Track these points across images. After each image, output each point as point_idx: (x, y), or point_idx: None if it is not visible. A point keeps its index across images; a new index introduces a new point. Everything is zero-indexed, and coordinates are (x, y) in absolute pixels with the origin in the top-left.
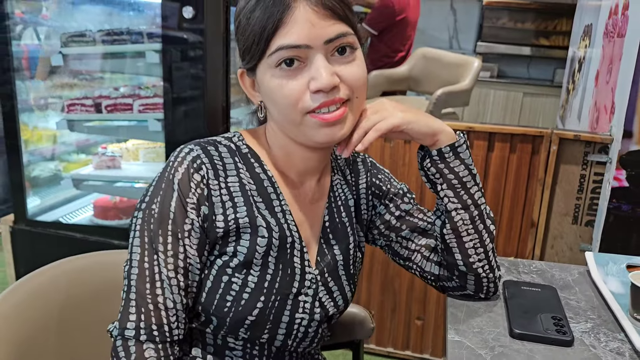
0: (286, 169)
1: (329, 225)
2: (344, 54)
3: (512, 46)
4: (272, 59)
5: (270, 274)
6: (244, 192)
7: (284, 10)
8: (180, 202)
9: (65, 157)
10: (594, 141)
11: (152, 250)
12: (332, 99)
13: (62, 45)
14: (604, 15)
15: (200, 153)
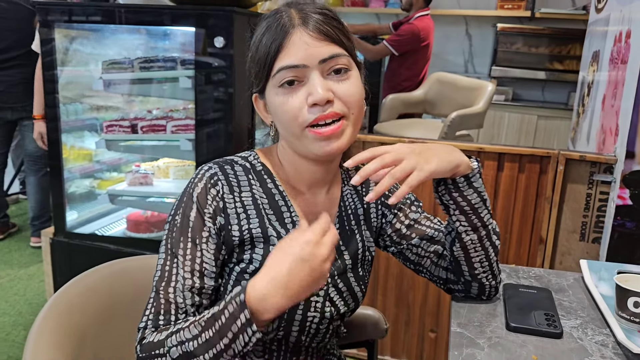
0: (296, 183)
1: (339, 232)
2: (339, 73)
3: (526, 70)
4: (275, 80)
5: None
6: (257, 206)
7: (284, 36)
8: (198, 213)
9: (99, 175)
10: (599, 161)
11: (172, 255)
12: (327, 113)
13: (102, 71)
14: (609, 43)
15: (217, 171)
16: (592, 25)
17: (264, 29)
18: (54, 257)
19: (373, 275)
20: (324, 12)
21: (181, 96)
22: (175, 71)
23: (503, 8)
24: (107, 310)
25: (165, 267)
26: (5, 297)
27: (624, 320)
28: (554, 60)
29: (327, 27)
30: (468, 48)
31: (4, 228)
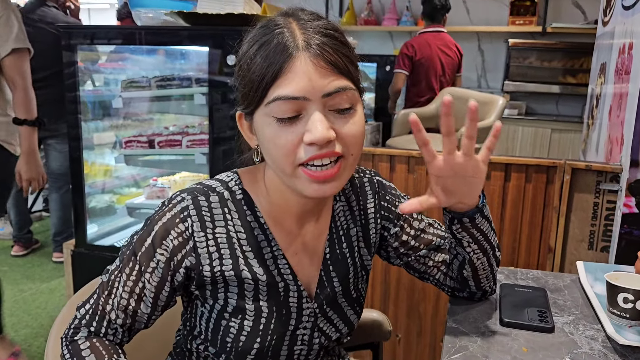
0: (281, 214)
1: (329, 257)
2: (342, 112)
3: (539, 84)
4: (269, 108)
5: (265, 317)
6: (231, 244)
7: (285, 60)
8: (152, 242)
9: (118, 190)
10: (605, 170)
11: (120, 269)
12: (325, 152)
13: (121, 89)
14: (615, 55)
15: (189, 205)
16: (600, 38)
17: (259, 44)
18: (75, 268)
19: (384, 286)
20: (330, 34)
21: (196, 112)
22: (190, 89)
23: (514, 24)
24: None
25: (111, 277)
26: (27, 310)
27: (615, 316)
28: (567, 74)
29: (335, 56)
30: (481, 63)
31: (27, 244)
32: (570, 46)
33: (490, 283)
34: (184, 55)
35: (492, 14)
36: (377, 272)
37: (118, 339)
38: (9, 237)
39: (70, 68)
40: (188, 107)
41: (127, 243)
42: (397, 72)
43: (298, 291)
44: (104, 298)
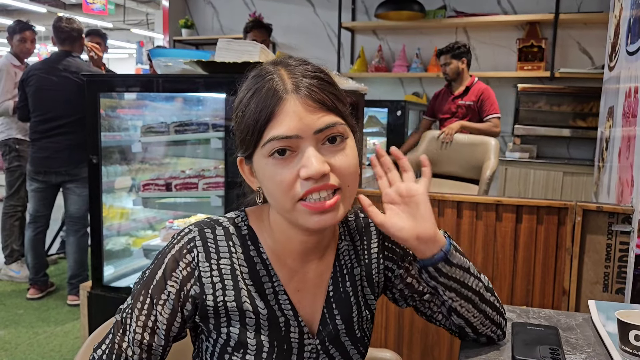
0: (284, 252)
1: (333, 295)
2: (335, 142)
3: (550, 128)
4: (265, 149)
5: (266, 352)
6: (234, 276)
7: (275, 103)
8: (163, 275)
9: (134, 233)
10: (616, 212)
11: (131, 306)
12: (322, 185)
13: (141, 135)
14: (622, 98)
15: (196, 236)
16: (607, 82)
17: (252, 91)
18: (91, 310)
19: (398, 329)
20: (316, 76)
21: (212, 156)
22: (207, 133)
23: (523, 69)
24: None
25: (123, 314)
26: (41, 353)
27: (627, 354)
28: (577, 117)
29: (322, 95)
30: None
31: (43, 287)
32: (579, 90)
33: (491, 329)
34: (201, 101)
35: (500, 60)
36: (391, 313)
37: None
38: (25, 280)
39: (91, 113)
40: (204, 151)
41: (139, 280)
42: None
43: (299, 327)
44: (119, 336)
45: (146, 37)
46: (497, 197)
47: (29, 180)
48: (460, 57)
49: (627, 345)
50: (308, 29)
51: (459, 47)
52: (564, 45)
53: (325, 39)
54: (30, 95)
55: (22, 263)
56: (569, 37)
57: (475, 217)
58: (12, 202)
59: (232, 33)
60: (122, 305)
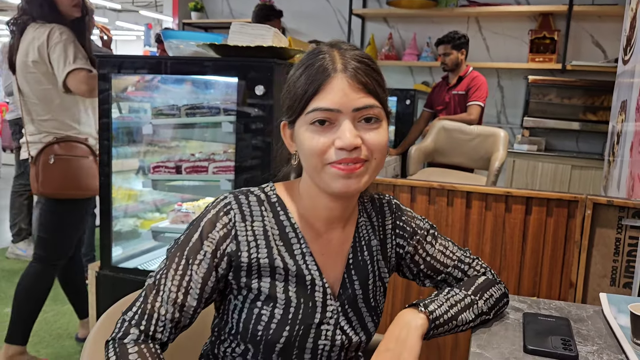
0: (312, 218)
1: (352, 262)
2: (370, 122)
3: (559, 121)
4: (308, 117)
5: (294, 307)
6: (266, 237)
7: (324, 79)
8: (199, 237)
9: (142, 215)
10: (627, 206)
11: (166, 268)
12: (353, 157)
13: (152, 117)
14: (636, 92)
15: (231, 200)
16: (620, 76)
17: (305, 66)
18: (99, 289)
19: None
20: (364, 61)
21: (223, 140)
22: (218, 117)
23: (534, 61)
24: None
25: (157, 275)
26: (49, 331)
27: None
28: (587, 111)
29: (366, 78)
30: (500, 99)
31: None
32: (590, 84)
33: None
34: (212, 85)
35: (512, 51)
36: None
37: (165, 337)
38: None
39: (103, 94)
40: (215, 135)
41: (172, 245)
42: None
43: (323, 287)
44: (152, 296)
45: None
46: (507, 188)
47: None
48: (460, 48)
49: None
50: (318, 15)
51: (460, 38)
52: (577, 38)
53: (335, 25)
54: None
55: (29, 242)
56: (582, 30)
57: (485, 207)
58: (22, 181)
59: (242, 17)
60: (153, 271)
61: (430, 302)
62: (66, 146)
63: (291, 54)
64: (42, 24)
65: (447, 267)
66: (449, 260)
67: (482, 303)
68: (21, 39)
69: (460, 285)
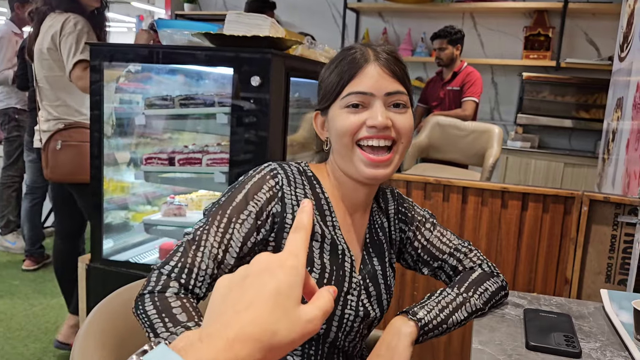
0: (339, 196)
1: (369, 242)
2: (398, 107)
3: (552, 118)
4: (343, 101)
5: (327, 273)
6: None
7: (358, 67)
8: (245, 196)
9: (134, 207)
10: (623, 203)
11: (208, 224)
12: (382, 135)
13: (145, 107)
14: (632, 89)
15: (277, 167)
16: (616, 74)
17: (338, 60)
18: (89, 282)
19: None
20: (393, 53)
21: (217, 132)
22: (213, 108)
23: (529, 58)
24: None
25: (197, 232)
26: (37, 324)
27: None
28: (580, 109)
29: (395, 67)
30: (494, 96)
31: (39, 258)
32: (584, 82)
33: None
34: (208, 75)
35: (506, 48)
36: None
37: (202, 292)
38: (21, 251)
39: (95, 85)
40: (209, 127)
41: (212, 205)
42: (476, 101)
43: (350, 259)
44: (192, 251)
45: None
46: (504, 184)
47: (27, 150)
48: (456, 44)
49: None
50: (313, 8)
51: (456, 33)
52: (571, 35)
53: (330, 19)
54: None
55: (18, 234)
56: (576, 27)
57: (481, 203)
58: (10, 173)
59: (235, 9)
60: (190, 229)
61: (420, 309)
62: (74, 132)
63: (288, 44)
64: (61, 12)
65: (444, 254)
66: (445, 247)
67: (476, 298)
68: (40, 28)
69: (454, 283)
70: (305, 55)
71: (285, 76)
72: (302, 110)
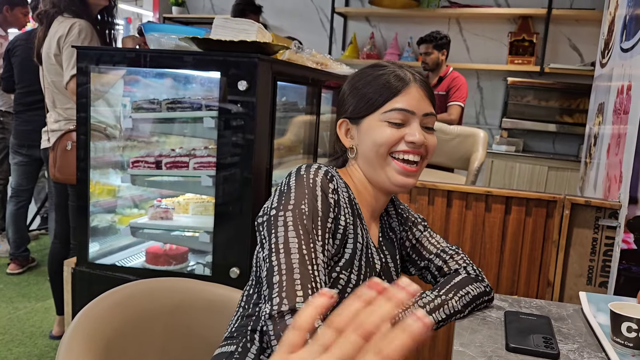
0: (362, 202)
1: (382, 240)
2: (429, 127)
3: (536, 122)
4: (385, 115)
5: (363, 275)
6: (351, 206)
7: (404, 86)
8: (324, 202)
9: (120, 211)
10: (604, 207)
11: (308, 239)
12: (417, 150)
13: (132, 111)
14: (613, 95)
15: (328, 169)
16: (598, 79)
17: (373, 75)
18: (75, 286)
19: None
20: (424, 76)
21: (204, 135)
22: (200, 112)
23: (513, 63)
24: (132, 323)
25: (303, 251)
26: (22, 329)
27: (619, 345)
28: (564, 113)
29: (431, 93)
30: (479, 100)
31: (24, 262)
32: (567, 86)
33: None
34: (194, 79)
35: (491, 53)
36: None
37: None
38: (6, 254)
39: (82, 88)
40: (196, 130)
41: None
42: (461, 106)
43: (380, 262)
44: (311, 274)
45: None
46: (487, 187)
47: (12, 153)
48: (442, 49)
49: (619, 336)
50: (301, 12)
51: (442, 38)
52: (555, 41)
53: (317, 23)
54: (16, 66)
55: (2, 237)
56: (560, 33)
57: (465, 206)
58: None
59: (223, 13)
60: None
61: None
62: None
63: (275, 49)
64: (68, 17)
65: (430, 254)
66: (433, 248)
67: (456, 301)
68: (48, 31)
69: (436, 286)
70: (293, 59)
71: (272, 80)
72: (289, 114)
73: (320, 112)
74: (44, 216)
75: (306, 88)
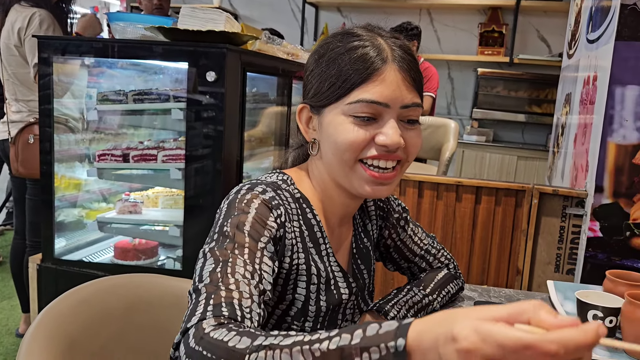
0: (329, 214)
1: (356, 252)
2: (411, 122)
3: (506, 113)
4: (349, 107)
5: (322, 316)
6: (303, 239)
7: (374, 68)
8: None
9: (87, 205)
10: (571, 195)
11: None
12: (392, 155)
13: (97, 102)
14: (579, 85)
15: (274, 195)
16: (565, 70)
17: (343, 49)
18: (40, 283)
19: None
20: (409, 53)
21: (173, 127)
22: (167, 103)
23: (483, 54)
24: (96, 321)
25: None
26: None
27: None
28: (533, 103)
29: (416, 74)
30: (450, 91)
31: None
32: (536, 77)
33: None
34: (162, 70)
35: (462, 44)
36: None
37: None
38: None
39: (45, 79)
40: (164, 122)
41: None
42: (433, 97)
43: (348, 287)
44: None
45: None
46: (458, 178)
47: None
48: (413, 40)
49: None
50: (272, 2)
51: (413, 29)
52: (524, 32)
53: (289, 13)
54: None
55: None
56: (528, 24)
57: (436, 197)
58: None
59: (193, 2)
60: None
61: (390, 308)
62: None
63: (244, 39)
64: (26, 6)
65: (415, 256)
66: (417, 249)
67: (439, 301)
68: (5, 19)
69: (421, 281)
70: (263, 50)
71: (241, 71)
72: (260, 105)
73: (291, 104)
74: (10, 211)
75: (277, 79)
